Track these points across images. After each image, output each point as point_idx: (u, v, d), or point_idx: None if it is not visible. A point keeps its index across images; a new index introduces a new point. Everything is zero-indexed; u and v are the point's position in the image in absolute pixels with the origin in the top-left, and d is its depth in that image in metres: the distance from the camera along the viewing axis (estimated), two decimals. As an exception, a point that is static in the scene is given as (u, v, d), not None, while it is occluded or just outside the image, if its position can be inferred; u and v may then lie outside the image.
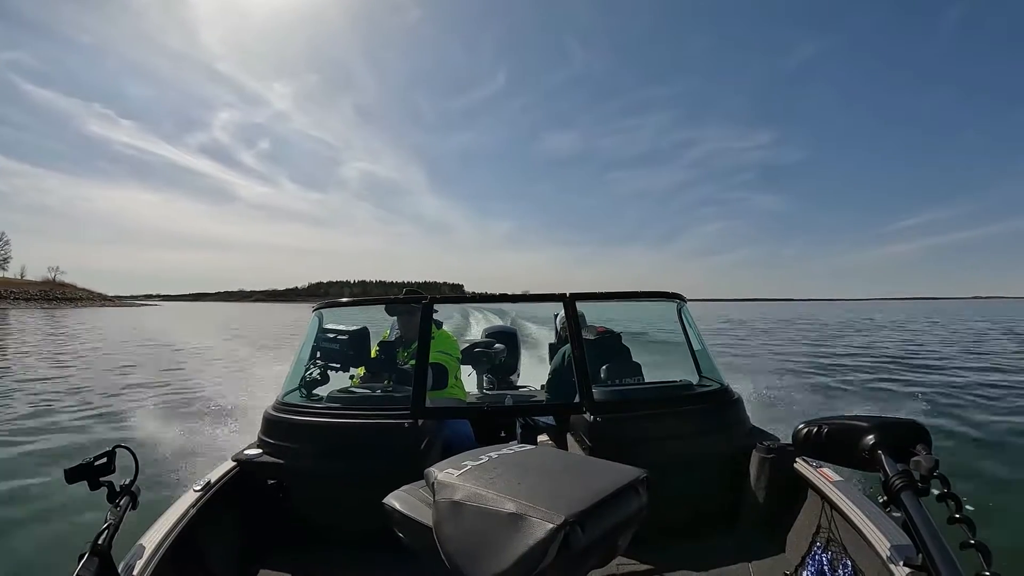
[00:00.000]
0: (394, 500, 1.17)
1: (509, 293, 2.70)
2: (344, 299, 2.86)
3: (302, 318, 3.01)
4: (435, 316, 2.74)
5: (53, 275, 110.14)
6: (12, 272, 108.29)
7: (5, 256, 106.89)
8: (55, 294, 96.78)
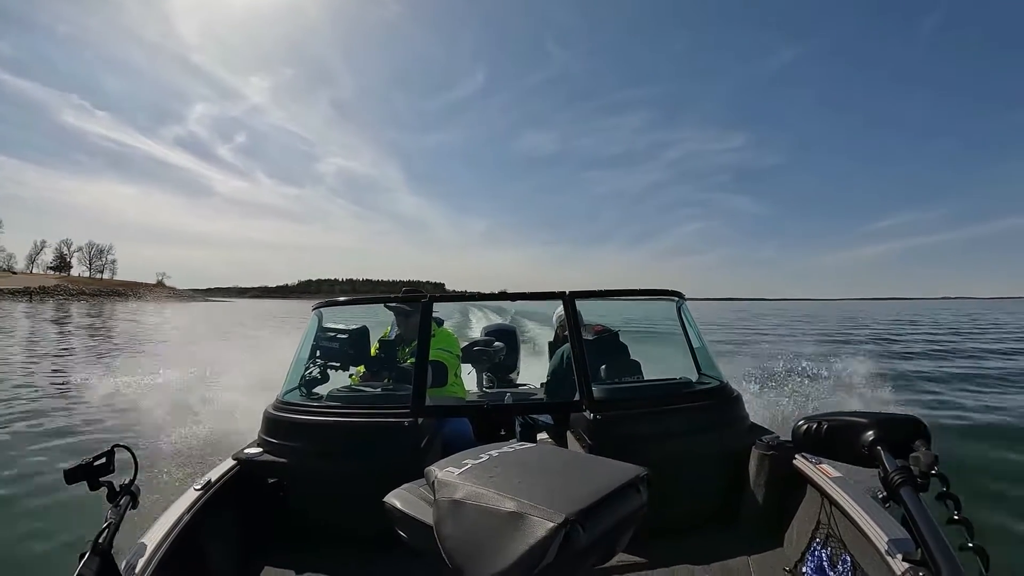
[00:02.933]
0: (394, 499, 1.17)
1: (508, 291, 2.69)
2: (343, 298, 2.86)
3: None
4: (437, 315, 2.73)
5: (160, 279, 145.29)
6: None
7: (106, 265, 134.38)
8: (176, 295, 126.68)
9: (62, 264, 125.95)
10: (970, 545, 0.85)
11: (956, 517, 0.88)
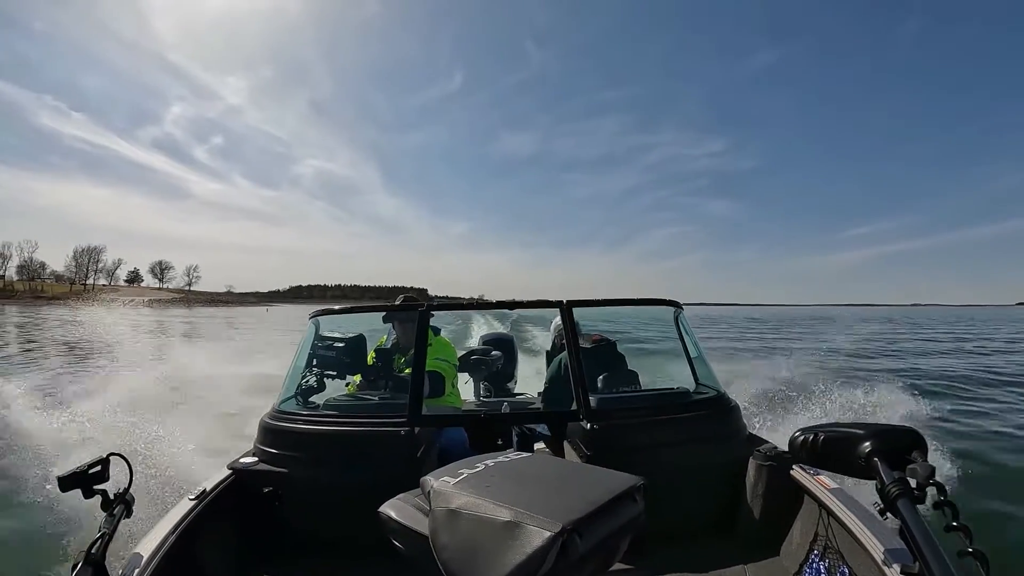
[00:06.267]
0: (390, 509, 1.16)
1: (506, 300, 2.70)
2: (339, 306, 2.86)
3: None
4: (435, 321, 2.73)
5: (227, 288, 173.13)
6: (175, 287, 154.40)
7: (196, 278, 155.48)
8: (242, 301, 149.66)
9: (135, 277, 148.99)
10: (970, 550, 0.85)
11: (955, 524, 0.88)
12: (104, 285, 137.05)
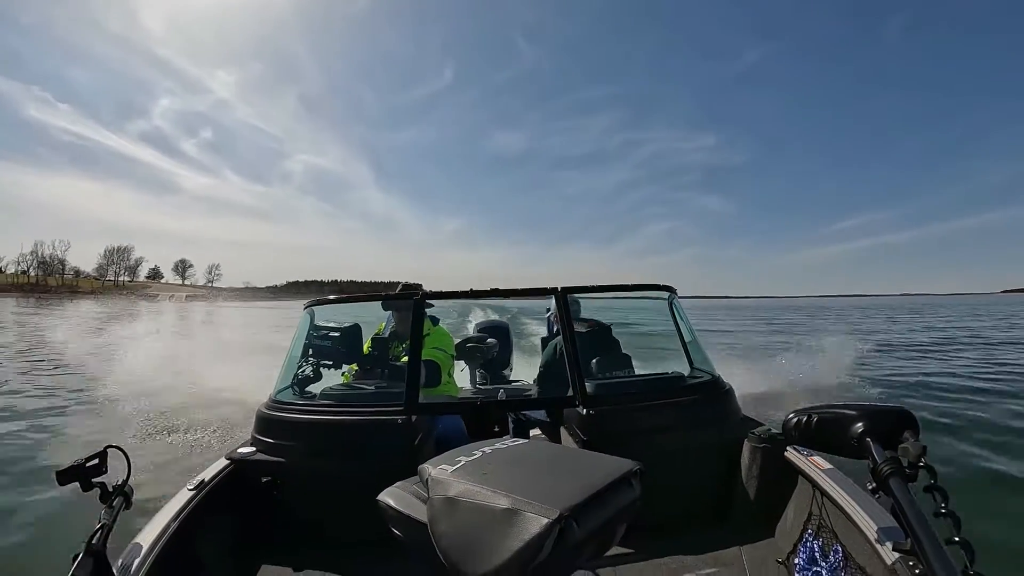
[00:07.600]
0: (388, 497, 1.16)
1: (502, 288, 2.70)
2: (334, 296, 2.85)
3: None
4: (433, 314, 2.72)
5: (245, 284, 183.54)
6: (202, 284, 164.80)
7: (217, 276, 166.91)
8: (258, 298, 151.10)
9: (155, 274, 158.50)
10: (956, 539, 0.85)
11: (944, 510, 0.89)
12: (128, 281, 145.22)
